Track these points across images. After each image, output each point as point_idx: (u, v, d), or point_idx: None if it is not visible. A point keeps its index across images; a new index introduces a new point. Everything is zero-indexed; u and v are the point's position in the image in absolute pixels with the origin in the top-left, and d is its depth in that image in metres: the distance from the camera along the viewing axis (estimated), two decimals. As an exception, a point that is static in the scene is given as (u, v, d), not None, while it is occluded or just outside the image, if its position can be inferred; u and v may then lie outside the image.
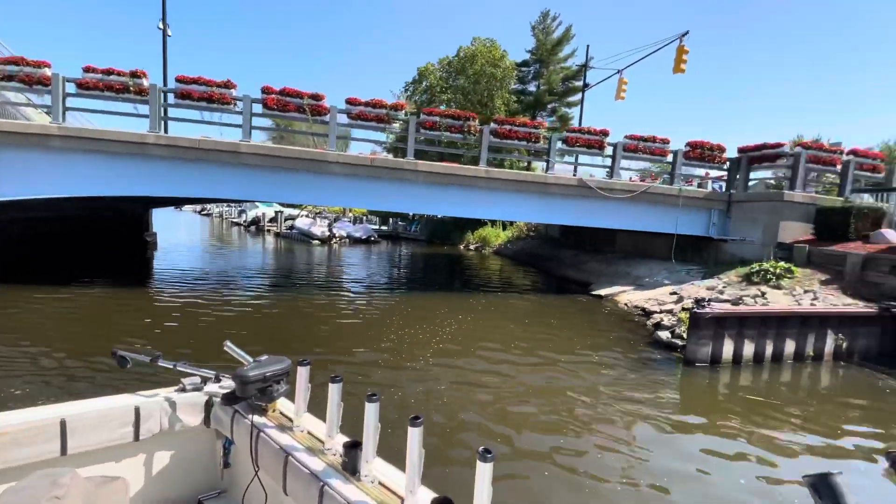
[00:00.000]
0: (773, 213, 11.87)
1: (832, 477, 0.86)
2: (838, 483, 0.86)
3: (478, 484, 1.20)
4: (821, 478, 0.87)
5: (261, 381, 1.97)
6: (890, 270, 9.40)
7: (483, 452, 1.18)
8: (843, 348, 7.98)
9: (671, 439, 5.04)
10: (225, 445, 2.30)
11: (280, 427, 1.98)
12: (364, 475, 1.58)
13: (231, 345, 2.25)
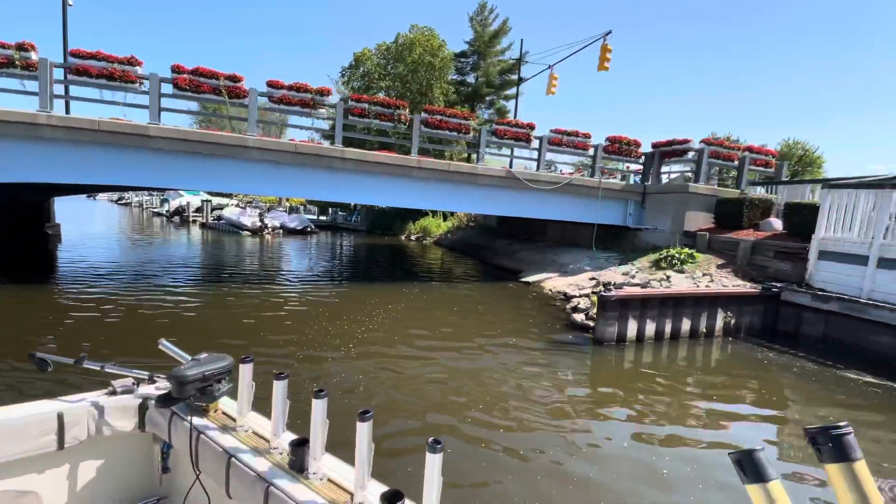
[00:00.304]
0: (681, 203, 12.95)
1: (756, 453, 0.91)
2: (760, 458, 0.91)
3: (427, 474, 1.20)
4: (745, 454, 0.91)
5: (200, 381, 1.89)
6: (774, 255, 10.63)
7: (433, 443, 1.18)
8: (731, 325, 8.94)
9: (585, 413, 5.44)
10: (163, 450, 2.19)
11: (222, 428, 1.91)
12: (312, 473, 1.55)
13: (167, 343, 2.13)
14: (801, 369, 7.35)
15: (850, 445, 0.88)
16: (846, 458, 0.87)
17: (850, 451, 0.88)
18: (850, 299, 8.14)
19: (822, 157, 30.65)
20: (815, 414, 5.92)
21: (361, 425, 1.35)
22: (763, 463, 0.91)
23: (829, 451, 0.88)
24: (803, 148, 32.05)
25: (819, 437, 0.89)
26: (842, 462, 0.87)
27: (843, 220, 9.09)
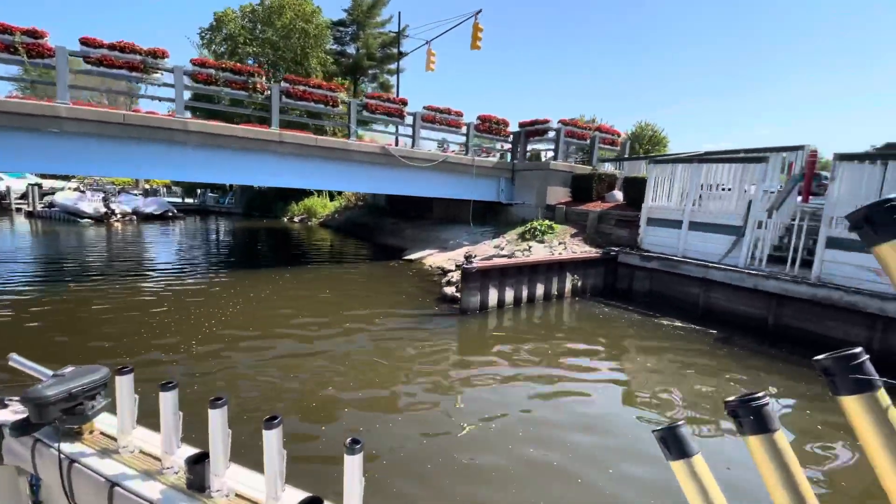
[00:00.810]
0: (543, 179, 14.04)
1: (678, 429, 0.89)
2: (683, 434, 0.89)
3: (347, 478, 1.14)
4: (669, 431, 0.89)
5: (66, 400, 1.58)
6: (615, 223, 12.12)
7: (351, 444, 1.12)
8: (578, 286, 10.04)
9: (457, 381, 5.66)
10: (31, 482, 1.80)
11: (102, 451, 1.62)
12: (215, 490, 1.38)
13: (18, 358, 1.78)
14: (628, 320, 8.57)
15: (770, 416, 0.87)
16: (766, 429, 0.86)
17: (769, 422, 0.87)
18: (667, 257, 9.66)
19: (667, 138, 35.78)
20: (642, 351, 6.95)
21: (269, 433, 1.24)
22: (686, 438, 0.90)
23: (750, 424, 0.87)
24: (652, 129, 37.06)
25: (739, 409, 0.87)
26: (762, 434, 0.86)
27: (665, 190, 10.66)
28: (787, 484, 0.87)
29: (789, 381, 6.06)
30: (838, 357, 0.82)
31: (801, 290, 7.41)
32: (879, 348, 6.67)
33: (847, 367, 0.81)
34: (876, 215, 0.79)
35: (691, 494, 0.93)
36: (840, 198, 7.68)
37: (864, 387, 0.81)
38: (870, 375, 0.81)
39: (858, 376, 0.80)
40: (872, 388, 0.81)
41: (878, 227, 0.79)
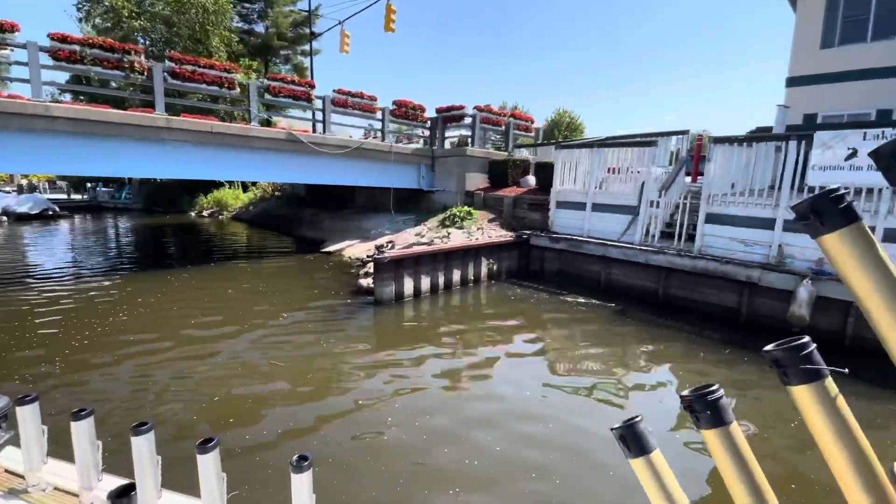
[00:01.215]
0: (461, 166, 14.13)
1: (636, 425, 0.87)
2: (641, 430, 0.88)
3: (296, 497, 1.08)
4: (627, 428, 0.87)
5: None
6: (528, 207, 12.54)
7: (298, 461, 1.07)
8: (494, 270, 10.29)
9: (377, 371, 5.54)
10: None
11: (7, 493, 1.46)
12: None
13: None
14: (538, 299, 8.95)
15: (725, 408, 0.86)
16: (722, 422, 0.85)
17: (724, 415, 0.86)
18: (572, 238, 10.19)
19: (584, 125, 37.74)
20: (554, 326, 7.26)
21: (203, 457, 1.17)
22: (644, 434, 0.89)
23: (707, 418, 0.85)
24: (570, 116, 38.86)
25: (696, 404, 0.85)
26: (719, 427, 0.85)
27: (571, 174, 11.19)
28: (744, 476, 0.87)
29: (675, 344, 6.68)
30: (788, 347, 0.82)
31: (683, 263, 8.18)
32: (747, 311, 7.57)
33: (797, 358, 0.82)
34: (822, 206, 0.79)
35: (652, 492, 0.92)
36: (715, 177, 8.53)
37: (813, 376, 0.81)
38: (819, 365, 0.82)
39: (808, 366, 0.80)
40: (821, 377, 0.82)
41: (823, 218, 0.79)
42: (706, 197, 8.56)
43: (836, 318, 6.60)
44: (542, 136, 17.82)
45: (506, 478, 3.59)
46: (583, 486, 3.54)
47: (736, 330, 7.46)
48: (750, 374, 5.73)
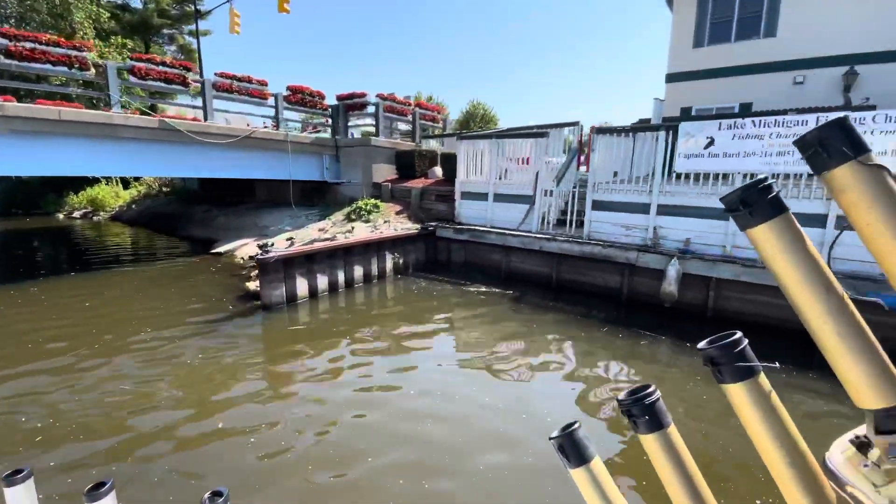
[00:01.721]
0: (367, 157, 13.64)
1: (575, 433, 0.86)
2: (580, 437, 0.86)
3: None
4: (566, 437, 0.85)
5: None
6: (435, 198, 12.45)
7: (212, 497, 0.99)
8: (400, 264, 10.06)
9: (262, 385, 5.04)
10: None
11: None
12: None
13: None
14: (441, 291, 8.89)
15: (663, 411, 0.84)
16: (661, 425, 0.84)
17: (663, 417, 0.84)
18: (474, 228, 10.27)
19: (497, 116, 38.65)
20: (454, 315, 7.18)
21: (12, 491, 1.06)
22: (583, 442, 0.87)
23: (646, 423, 0.84)
24: (484, 108, 39.61)
25: (634, 408, 0.84)
26: (658, 431, 0.84)
27: (474, 165, 11.25)
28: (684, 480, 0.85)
29: (561, 326, 6.96)
30: (722, 345, 0.80)
31: (573, 248, 8.59)
32: (628, 290, 8.14)
33: (731, 356, 0.79)
34: (751, 197, 0.77)
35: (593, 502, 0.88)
36: (598, 166, 9.03)
37: (746, 374, 0.79)
38: (752, 361, 0.79)
39: (741, 364, 0.79)
40: (755, 374, 0.80)
41: (753, 210, 0.77)
42: (592, 185, 9.04)
43: (700, 293, 7.32)
44: (458, 127, 17.86)
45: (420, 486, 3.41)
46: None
47: (619, 307, 8.00)
48: (622, 349, 6.15)
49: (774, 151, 7.02)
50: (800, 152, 0.79)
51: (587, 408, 4.80)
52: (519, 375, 5.45)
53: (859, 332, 0.76)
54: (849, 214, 0.75)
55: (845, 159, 0.73)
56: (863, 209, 0.73)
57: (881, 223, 0.72)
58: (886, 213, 0.71)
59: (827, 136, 0.74)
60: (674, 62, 16.97)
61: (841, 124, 0.74)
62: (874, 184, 0.72)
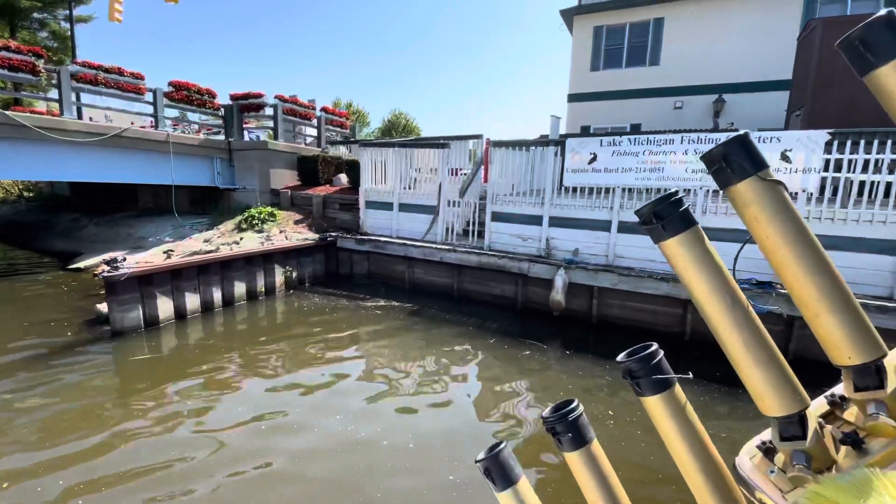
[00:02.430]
0: (265, 161, 12.68)
1: (501, 454, 0.84)
2: (506, 458, 0.84)
3: None
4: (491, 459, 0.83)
5: None
6: (339, 207, 11.87)
7: None
8: (293, 278, 9.34)
9: (120, 433, 4.15)
10: None
11: None
12: None
13: None
14: (335, 307, 8.35)
15: (586, 426, 0.85)
16: (584, 441, 0.84)
17: (586, 433, 0.84)
18: (376, 239, 9.88)
19: (419, 127, 38.72)
20: (352, 330, 6.65)
21: None
22: (510, 462, 0.85)
23: (569, 441, 0.84)
24: (406, 118, 39.54)
25: (558, 425, 0.83)
26: (582, 447, 0.84)
27: (379, 173, 10.88)
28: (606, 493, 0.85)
29: (456, 337, 6.79)
30: (639, 358, 0.81)
31: (471, 259, 8.54)
32: (523, 300, 8.24)
33: (649, 368, 0.81)
34: (662, 211, 0.80)
35: None
36: (496, 178, 9.13)
37: (663, 386, 0.81)
38: (667, 373, 0.81)
39: (659, 376, 0.81)
40: (671, 386, 0.82)
41: (664, 223, 0.80)
42: (490, 197, 9.11)
43: (585, 301, 7.58)
44: (380, 136, 17.36)
45: None
46: None
47: (514, 316, 8.06)
48: (515, 359, 6.11)
49: (647, 168, 7.52)
50: (706, 167, 0.80)
51: (489, 426, 4.61)
52: (416, 395, 5.14)
53: (763, 343, 0.77)
54: (750, 228, 0.77)
55: (746, 175, 0.75)
56: (763, 222, 0.75)
57: (779, 236, 0.74)
58: (784, 226, 0.74)
59: (729, 152, 0.76)
60: (574, 84, 18.10)
61: (742, 141, 0.75)
62: (773, 198, 0.74)
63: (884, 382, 0.76)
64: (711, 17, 15.23)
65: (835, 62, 9.61)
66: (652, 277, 6.82)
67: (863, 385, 0.77)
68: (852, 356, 0.74)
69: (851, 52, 0.71)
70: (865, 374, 0.76)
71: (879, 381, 0.76)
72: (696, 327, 6.71)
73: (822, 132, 6.28)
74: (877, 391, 0.76)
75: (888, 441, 0.76)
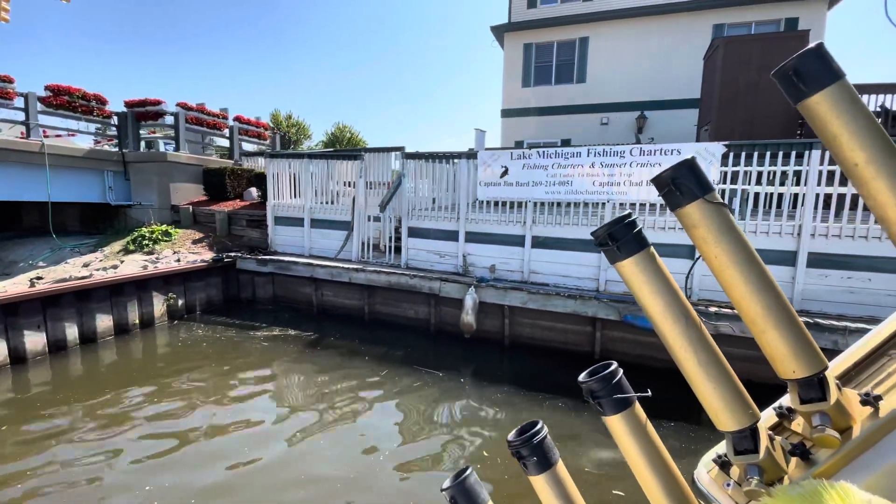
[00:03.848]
0: (164, 174, 11.45)
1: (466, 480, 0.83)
2: (471, 486, 0.83)
3: None
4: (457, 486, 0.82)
5: None
6: (247, 223, 10.85)
7: None
8: (179, 306, 8.24)
9: None
10: None
11: None
12: None
13: None
14: (220, 339, 7.34)
15: (551, 448, 0.85)
16: (549, 463, 0.84)
17: (551, 455, 0.84)
18: (280, 259, 8.99)
19: (365, 141, 37.85)
20: (242, 367, 5.69)
21: None
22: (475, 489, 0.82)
23: (535, 464, 0.84)
24: (350, 131, 38.60)
25: (523, 449, 0.83)
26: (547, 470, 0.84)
27: (290, 187, 10.02)
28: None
29: (372, 368, 6.06)
30: (600, 378, 0.82)
31: (381, 279, 7.89)
32: (436, 322, 7.67)
33: (610, 387, 0.82)
34: (617, 233, 0.82)
35: None
36: (412, 192, 8.60)
37: (624, 404, 0.82)
38: (627, 392, 0.82)
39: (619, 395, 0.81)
40: (631, 404, 0.82)
41: (620, 245, 0.82)
42: (406, 212, 8.56)
43: (497, 321, 7.13)
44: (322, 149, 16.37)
45: None
46: None
47: (428, 340, 7.47)
48: (425, 390, 5.47)
49: (557, 181, 7.27)
50: (657, 191, 0.82)
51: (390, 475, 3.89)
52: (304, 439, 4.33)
53: (716, 360, 0.80)
54: (700, 248, 0.81)
55: (694, 198, 0.79)
56: (711, 243, 0.79)
57: (726, 256, 0.78)
58: (730, 246, 0.78)
59: (677, 176, 0.80)
60: (507, 99, 18.15)
61: (689, 165, 0.79)
62: (719, 220, 0.79)
63: (826, 394, 0.80)
64: (631, 38, 15.80)
65: (737, 79, 10.02)
66: (559, 295, 6.48)
67: (808, 398, 0.81)
68: (797, 370, 0.78)
69: (785, 82, 0.76)
70: (809, 387, 0.80)
71: (822, 394, 0.80)
72: (606, 346, 6.42)
73: (718, 144, 6.27)
74: (821, 403, 0.80)
75: (833, 451, 0.80)
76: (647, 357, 6.12)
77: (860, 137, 0.72)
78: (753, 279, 0.77)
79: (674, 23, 15.23)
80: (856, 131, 0.72)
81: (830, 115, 0.72)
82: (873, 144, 0.72)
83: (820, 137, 0.75)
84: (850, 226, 5.60)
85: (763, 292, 0.77)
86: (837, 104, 0.71)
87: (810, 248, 5.77)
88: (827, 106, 0.72)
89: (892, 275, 5.39)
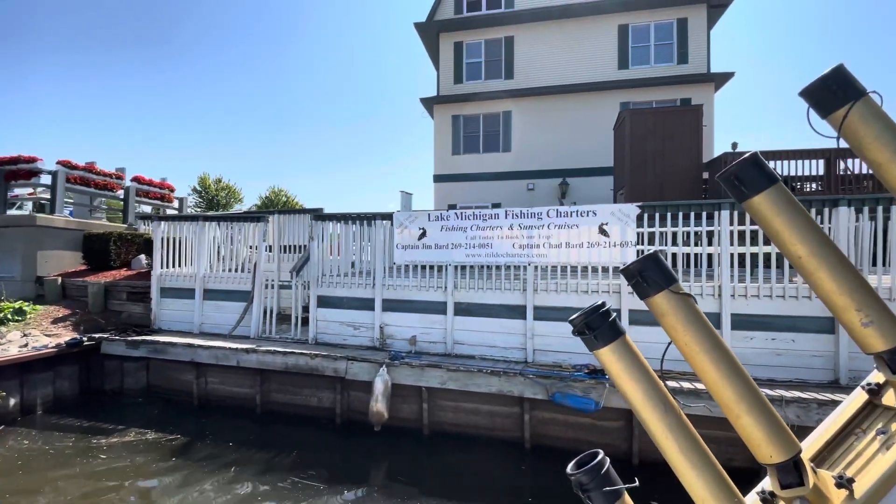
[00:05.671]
0: (31, 241, 9.68)
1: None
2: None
3: None
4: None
5: None
6: (127, 297, 9.22)
7: None
8: (10, 407, 6.37)
9: None
10: None
11: None
12: None
13: None
14: (51, 451, 5.60)
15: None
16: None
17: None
18: (154, 340, 7.45)
19: (300, 203, 36.68)
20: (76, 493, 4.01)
21: None
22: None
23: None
24: (286, 195, 37.41)
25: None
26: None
27: (179, 254, 8.72)
28: None
29: (253, 483, 4.65)
30: (589, 469, 0.80)
31: (275, 362, 6.65)
32: (342, 410, 6.46)
33: (599, 479, 0.80)
34: (593, 322, 0.86)
35: None
36: (322, 255, 7.70)
37: (614, 497, 0.80)
38: (616, 483, 0.80)
39: (609, 488, 0.79)
40: (620, 496, 0.81)
41: (596, 334, 0.86)
42: (315, 278, 7.59)
43: (415, 405, 6.10)
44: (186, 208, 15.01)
45: None
46: None
47: (334, 433, 6.21)
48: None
49: (476, 243, 6.76)
50: (627, 281, 0.88)
51: None
52: None
53: (696, 446, 0.82)
54: (670, 335, 0.85)
55: (660, 289, 0.85)
56: (680, 331, 0.84)
57: (696, 343, 0.82)
58: (698, 334, 0.83)
59: (644, 268, 0.86)
60: (438, 165, 18.34)
61: (654, 259, 0.86)
62: (685, 309, 0.84)
63: (804, 479, 0.81)
64: (550, 112, 16.85)
65: (644, 147, 10.59)
66: (482, 371, 5.66)
67: (787, 482, 0.82)
68: (773, 455, 0.80)
69: (729, 185, 0.84)
70: (787, 472, 0.81)
71: (800, 478, 0.81)
72: (537, 429, 5.57)
73: (632, 205, 6.12)
74: (800, 489, 0.81)
75: None
76: (582, 441, 5.33)
77: (800, 232, 0.82)
78: (723, 366, 0.82)
79: (587, 100, 16.50)
80: (796, 227, 0.81)
81: (771, 213, 0.82)
82: (812, 239, 0.81)
83: (766, 234, 0.86)
84: (766, 285, 5.46)
85: (733, 377, 0.82)
86: (776, 204, 0.82)
87: (732, 309, 5.53)
88: (767, 206, 0.82)
89: (815, 335, 5.20)
